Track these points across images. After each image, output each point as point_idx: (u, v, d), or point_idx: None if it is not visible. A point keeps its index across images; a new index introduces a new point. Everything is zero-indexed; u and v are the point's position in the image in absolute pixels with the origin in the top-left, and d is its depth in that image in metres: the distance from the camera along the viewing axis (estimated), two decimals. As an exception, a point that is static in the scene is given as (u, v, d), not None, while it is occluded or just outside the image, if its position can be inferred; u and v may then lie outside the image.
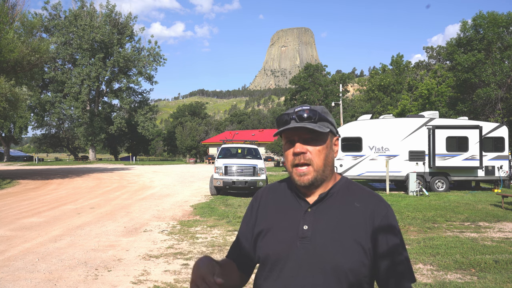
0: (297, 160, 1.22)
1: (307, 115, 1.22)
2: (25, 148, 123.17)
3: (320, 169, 1.22)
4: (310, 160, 1.21)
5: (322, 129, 1.21)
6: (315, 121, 1.23)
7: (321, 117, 1.24)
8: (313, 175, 1.21)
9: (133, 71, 54.55)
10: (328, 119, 1.26)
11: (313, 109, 1.24)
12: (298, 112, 1.23)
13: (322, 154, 1.23)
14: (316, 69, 59.65)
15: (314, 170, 1.21)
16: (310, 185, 1.22)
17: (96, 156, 56.64)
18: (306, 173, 1.21)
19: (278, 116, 1.28)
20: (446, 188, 15.50)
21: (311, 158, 1.21)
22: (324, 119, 1.25)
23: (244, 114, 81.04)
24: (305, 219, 1.22)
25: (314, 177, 1.21)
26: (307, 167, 1.21)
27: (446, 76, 32.25)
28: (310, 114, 1.23)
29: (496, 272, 5.16)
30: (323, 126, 1.23)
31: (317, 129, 1.20)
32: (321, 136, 1.23)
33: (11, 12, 20.85)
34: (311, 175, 1.21)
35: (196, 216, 9.71)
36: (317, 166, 1.22)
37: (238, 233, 1.39)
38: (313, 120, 1.22)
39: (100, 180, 20.68)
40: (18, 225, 8.35)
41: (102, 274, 5.11)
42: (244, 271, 1.36)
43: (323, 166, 1.23)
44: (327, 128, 1.24)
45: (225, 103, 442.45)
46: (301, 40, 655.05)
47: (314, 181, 1.22)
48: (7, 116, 22.89)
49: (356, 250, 1.16)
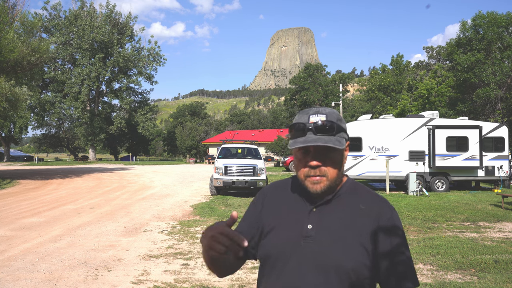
0: (312, 173, 1.21)
1: (327, 128, 1.19)
2: (25, 148, 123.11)
3: (334, 179, 1.22)
4: (325, 172, 1.20)
5: (340, 146, 1.19)
6: (333, 134, 1.20)
7: (339, 128, 1.21)
8: (326, 184, 1.21)
9: (133, 71, 54.54)
10: (344, 128, 1.24)
11: (330, 120, 1.20)
12: (315, 123, 1.19)
13: (338, 166, 1.23)
14: (316, 69, 59.70)
15: (327, 180, 1.21)
16: (322, 193, 1.22)
17: (96, 156, 56.62)
18: (320, 182, 1.21)
19: (292, 124, 1.24)
20: (446, 188, 15.50)
21: (326, 171, 1.21)
22: (341, 129, 1.22)
23: (244, 114, 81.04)
24: (310, 218, 1.23)
25: (327, 186, 1.22)
26: (321, 177, 1.21)
27: (446, 76, 32.25)
28: (328, 125, 1.19)
29: (496, 272, 5.16)
30: (341, 137, 1.22)
31: (338, 147, 1.18)
32: (340, 150, 1.22)
33: (11, 12, 20.85)
34: (324, 184, 1.21)
35: (196, 216, 9.71)
36: (331, 177, 1.21)
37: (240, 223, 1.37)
38: (331, 133, 1.20)
39: (100, 180, 20.68)
40: (18, 225, 8.35)
41: (102, 274, 5.11)
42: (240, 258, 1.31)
43: (337, 176, 1.23)
44: (344, 138, 1.22)
45: (225, 103, 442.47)
46: (301, 40, 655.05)
47: (327, 189, 1.22)
48: (7, 116, 22.90)
49: (359, 251, 1.17)
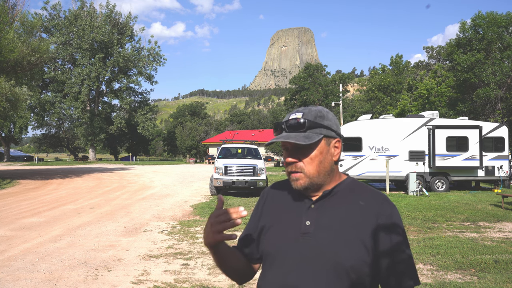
0: (289, 169, 1.25)
1: (296, 124, 1.23)
2: (25, 148, 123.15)
3: (314, 176, 1.23)
4: (301, 168, 1.23)
5: (306, 142, 1.20)
6: (304, 130, 1.23)
7: (311, 124, 1.24)
8: (306, 181, 1.23)
9: (133, 71, 54.55)
10: (323, 124, 1.25)
11: (305, 118, 1.24)
12: (289, 121, 1.25)
13: (315, 161, 1.23)
14: (316, 69, 59.67)
15: (306, 177, 1.23)
16: (304, 189, 1.24)
17: (96, 156, 56.62)
18: (299, 178, 1.23)
19: (275, 123, 1.30)
20: (446, 188, 15.49)
21: (302, 167, 1.23)
22: (318, 125, 1.24)
23: (244, 114, 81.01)
24: (308, 215, 1.23)
25: (307, 182, 1.23)
26: (299, 173, 1.23)
27: (446, 76, 32.25)
28: (300, 123, 1.23)
29: (496, 272, 5.16)
30: (314, 133, 1.23)
31: (300, 143, 1.20)
32: (310, 145, 1.23)
33: (11, 12, 20.85)
34: (303, 181, 1.23)
35: (196, 216, 9.71)
36: (309, 173, 1.23)
37: (245, 228, 1.41)
38: (302, 130, 1.23)
39: (100, 180, 20.68)
40: (18, 225, 8.35)
41: (102, 274, 5.11)
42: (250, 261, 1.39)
43: (317, 172, 1.23)
44: (319, 135, 1.23)
45: (225, 103, 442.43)
46: (301, 40, 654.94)
47: (309, 186, 1.24)
48: (7, 116, 22.89)
49: (358, 247, 1.16)
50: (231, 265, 1.32)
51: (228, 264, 1.32)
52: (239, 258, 1.35)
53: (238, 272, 1.36)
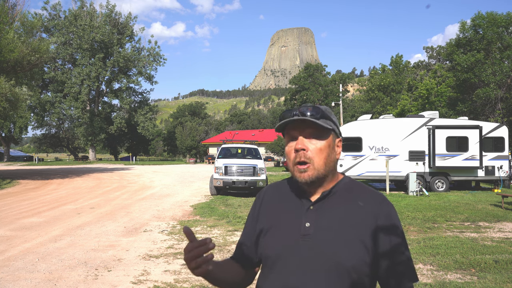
0: (298, 158, 1.21)
1: (310, 112, 1.22)
2: (25, 148, 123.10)
3: (321, 168, 1.21)
4: (310, 158, 1.21)
5: (325, 124, 1.21)
6: (317, 118, 1.22)
7: (324, 115, 1.24)
8: (313, 173, 1.21)
9: (133, 71, 54.54)
10: (332, 118, 1.26)
11: (317, 107, 1.24)
12: (301, 109, 1.23)
13: (324, 153, 1.22)
14: (316, 69, 59.72)
15: (314, 168, 1.21)
16: (311, 182, 1.22)
17: (96, 156, 56.62)
18: (307, 170, 1.21)
19: (282, 113, 1.28)
20: (446, 188, 15.50)
21: (312, 157, 1.21)
22: (327, 117, 1.25)
23: (244, 114, 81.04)
24: (307, 216, 1.22)
25: (314, 174, 1.21)
26: (307, 164, 1.21)
27: (446, 76, 32.25)
28: (313, 111, 1.22)
29: (496, 272, 5.16)
30: (326, 123, 1.23)
31: (320, 123, 1.20)
32: (323, 133, 1.23)
33: (11, 12, 20.85)
34: (311, 172, 1.20)
35: (196, 216, 9.71)
36: (317, 165, 1.21)
37: (243, 232, 1.40)
38: (316, 117, 1.22)
39: (100, 180, 20.68)
40: (18, 225, 8.35)
41: (102, 274, 5.11)
42: (249, 268, 1.38)
43: (324, 165, 1.22)
44: (330, 126, 1.24)
45: (225, 103, 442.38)
46: (301, 40, 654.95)
47: (315, 179, 1.22)
48: (7, 116, 22.89)
49: (358, 248, 1.16)
50: (229, 281, 1.31)
51: (227, 281, 1.30)
52: (236, 270, 1.34)
53: (238, 284, 1.35)
